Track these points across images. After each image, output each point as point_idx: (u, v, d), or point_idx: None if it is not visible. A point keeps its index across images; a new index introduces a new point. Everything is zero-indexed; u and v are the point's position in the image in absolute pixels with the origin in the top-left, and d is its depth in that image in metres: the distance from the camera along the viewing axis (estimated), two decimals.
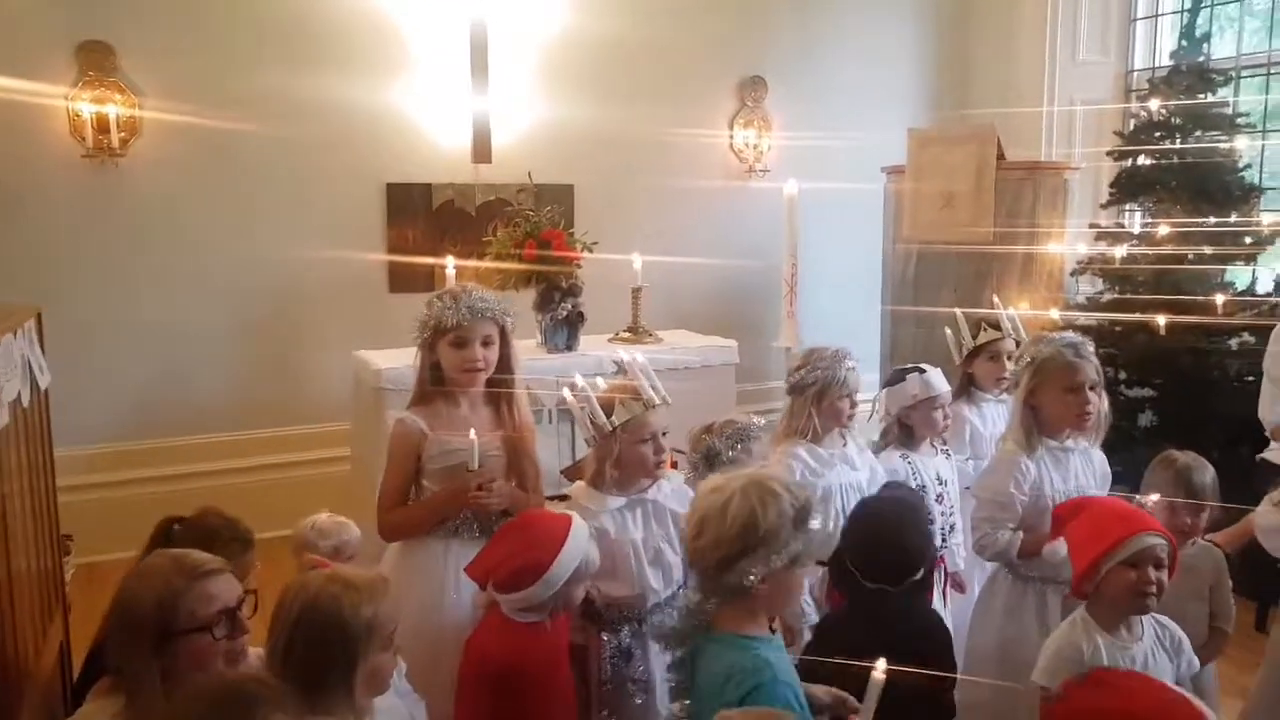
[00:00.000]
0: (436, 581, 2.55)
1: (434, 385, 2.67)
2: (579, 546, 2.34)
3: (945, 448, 3.32)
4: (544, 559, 2.28)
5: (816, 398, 2.99)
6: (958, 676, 2.79)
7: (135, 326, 4.85)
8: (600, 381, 2.63)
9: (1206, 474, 2.81)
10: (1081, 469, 2.78)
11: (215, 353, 5.02)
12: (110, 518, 4.36)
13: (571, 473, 3.83)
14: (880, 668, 1.56)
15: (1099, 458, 2.84)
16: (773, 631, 1.99)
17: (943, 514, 3.18)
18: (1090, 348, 2.76)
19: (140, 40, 4.72)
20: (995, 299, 4.05)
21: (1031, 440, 2.74)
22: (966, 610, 3.06)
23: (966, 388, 3.60)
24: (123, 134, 4.69)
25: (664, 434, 2.59)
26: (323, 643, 1.83)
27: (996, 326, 3.55)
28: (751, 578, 1.84)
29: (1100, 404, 2.74)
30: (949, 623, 3.21)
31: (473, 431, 2.55)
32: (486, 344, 2.65)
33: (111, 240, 4.77)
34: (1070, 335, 2.81)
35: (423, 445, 2.63)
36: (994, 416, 3.51)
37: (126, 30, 4.69)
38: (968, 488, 3.33)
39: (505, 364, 2.72)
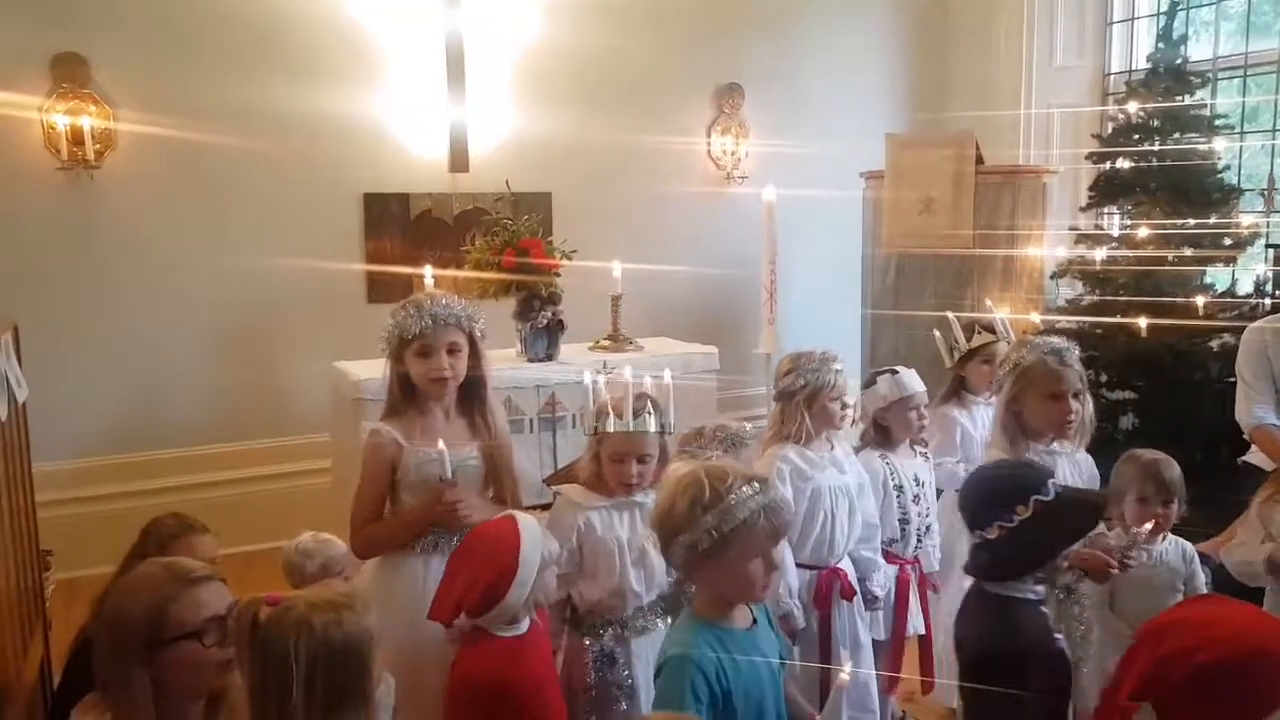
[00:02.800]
0: (417, 599, 2.47)
1: (404, 396, 2.63)
2: (535, 537, 2.31)
3: (924, 450, 3.31)
4: (509, 562, 2.25)
5: (807, 401, 2.96)
6: (932, 680, 2.77)
7: (113, 340, 4.81)
8: (592, 386, 2.66)
9: (1174, 469, 2.82)
10: (1069, 473, 2.76)
11: (194, 365, 4.98)
12: (90, 533, 4.30)
13: (554, 480, 3.81)
14: (846, 670, 1.54)
15: (1085, 460, 2.84)
16: (760, 623, 2.01)
17: (919, 515, 3.18)
18: (1075, 354, 2.76)
19: (114, 52, 4.69)
20: (988, 302, 4.06)
21: (1016, 446, 2.72)
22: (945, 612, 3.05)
23: (957, 390, 3.61)
24: (98, 146, 4.65)
25: (641, 460, 2.55)
26: (344, 670, 1.78)
27: (990, 330, 3.55)
28: (681, 560, 1.91)
29: (1083, 410, 2.73)
30: (928, 624, 3.23)
31: (441, 441, 2.51)
32: (453, 352, 2.59)
33: (87, 253, 4.74)
34: (1055, 341, 2.79)
35: (398, 457, 2.58)
36: (984, 419, 3.49)
37: (101, 42, 4.66)
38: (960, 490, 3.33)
39: (477, 373, 2.66)
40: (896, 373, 3.21)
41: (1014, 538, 2.15)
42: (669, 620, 2.48)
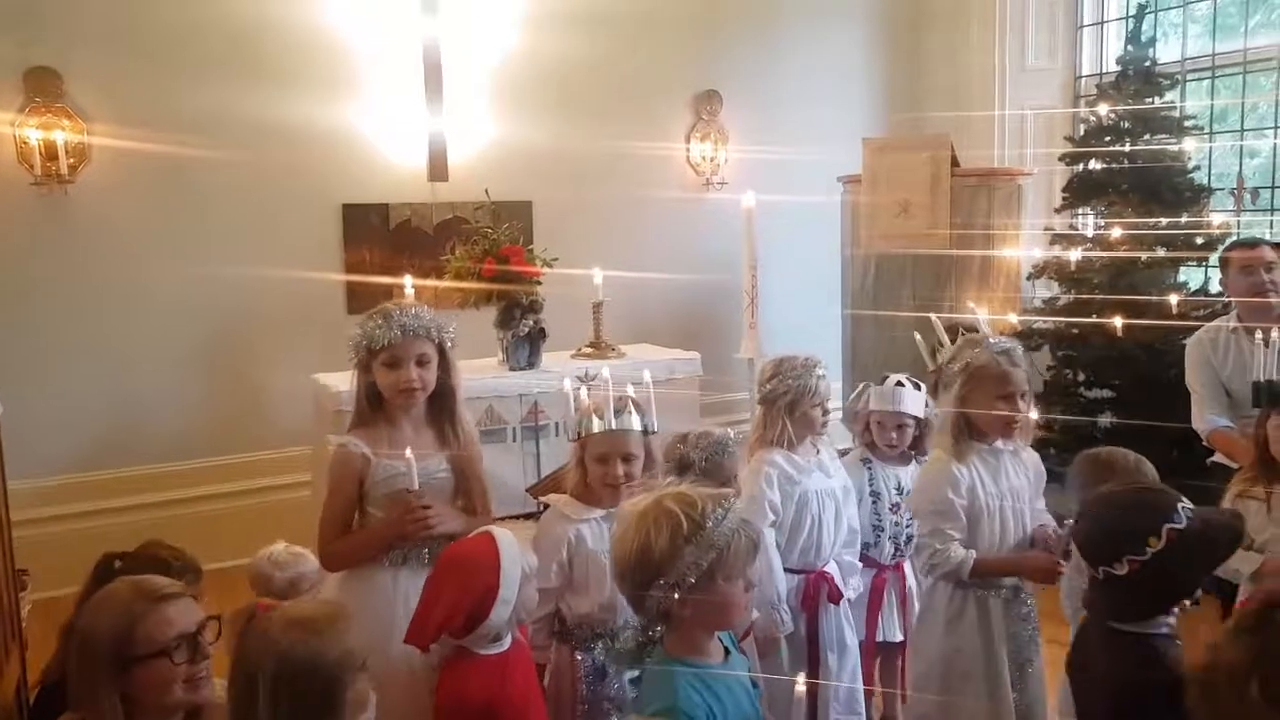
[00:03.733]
0: (386, 613, 2.44)
1: (371, 407, 2.60)
2: (513, 552, 2.29)
3: (922, 457, 3.29)
4: (491, 581, 2.22)
5: (789, 408, 2.97)
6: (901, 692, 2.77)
7: (90, 355, 4.76)
8: (572, 391, 2.64)
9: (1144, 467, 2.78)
10: (1013, 470, 2.76)
11: (172, 380, 4.93)
12: (68, 551, 4.22)
13: (537, 491, 3.80)
14: (801, 680, 1.52)
15: (1031, 458, 2.82)
16: (732, 652, 1.97)
17: (894, 524, 3.20)
18: (1021, 352, 2.74)
19: (88, 66, 4.65)
20: (971, 304, 4.07)
21: (961, 446, 2.70)
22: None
23: (937, 392, 3.60)
24: (71, 160, 4.61)
25: (627, 459, 2.55)
26: (307, 692, 1.77)
27: (973, 331, 3.55)
28: (661, 603, 1.82)
29: (1027, 410, 2.73)
30: (907, 633, 3.22)
31: (409, 450, 2.48)
32: (422, 363, 2.55)
33: (63, 268, 4.68)
34: (1004, 341, 2.76)
35: (365, 471, 2.54)
36: None
37: (74, 56, 4.62)
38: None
39: (446, 384, 2.63)
40: (900, 385, 3.20)
41: (1148, 571, 1.94)
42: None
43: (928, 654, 2.77)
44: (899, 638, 3.22)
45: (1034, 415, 2.76)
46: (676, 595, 1.80)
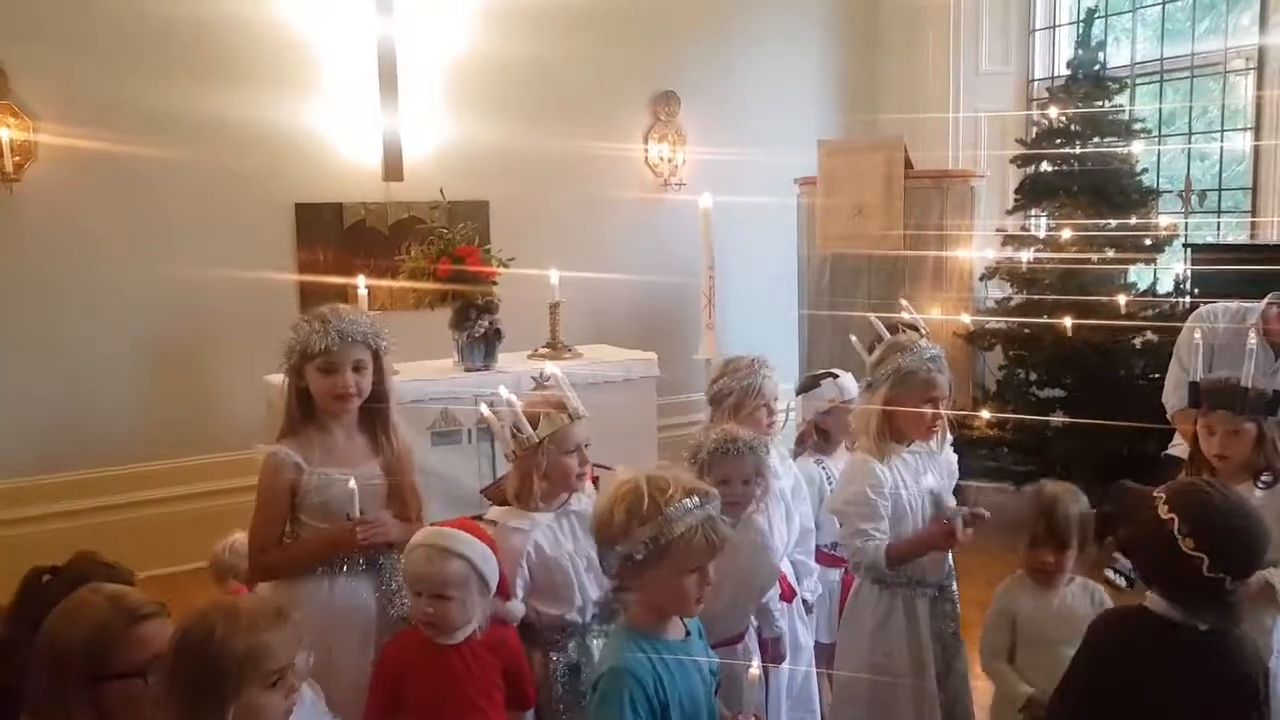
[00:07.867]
0: (323, 621, 2.39)
1: (303, 413, 2.54)
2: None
3: None
4: None
5: (734, 408, 2.95)
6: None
7: (36, 356, 4.67)
8: (514, 399, 2.60)
9: (1073, 506, 2.62)
10: (931, 471, 2.78)
11: (122, 381, 4.85)
12: (11, 558, 4.16)
13: (491, 493, 3.77)
14: (755, 665, 1.63)
15: (947, 457, 2.86)
16: (693, 635, 2.01)
17: None
18: (945, 359, 2.78)
19: (34, 62, 4.55)
20: (904, 302, 4.11)
21: (882, 445, 2.71)
22: None
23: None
24: (17, 158, 4.51)
25: (586, 446, 2.56)
26: (193, 675, 1.74)
27: (915, 329, 3.60)
28: (613, 569, 1.93)
29: (944, 414, 2.76)
30: None
31: (352, 480, 2.44)
32: (358, 369, 2.51)
33: (8, 268, 4.59)
34: (933, 348, 2.78)
35: (298, 480, 2.48)
36: None
37: (19, 52, 4.53)
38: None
39: (380, 390, 2.59)
40: (838, 375, 3.24)
41: None
42: (604, 626, 2.48)
43: (855, 656, 2.76)
44: None
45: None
46: (627, 566, 1.89)
